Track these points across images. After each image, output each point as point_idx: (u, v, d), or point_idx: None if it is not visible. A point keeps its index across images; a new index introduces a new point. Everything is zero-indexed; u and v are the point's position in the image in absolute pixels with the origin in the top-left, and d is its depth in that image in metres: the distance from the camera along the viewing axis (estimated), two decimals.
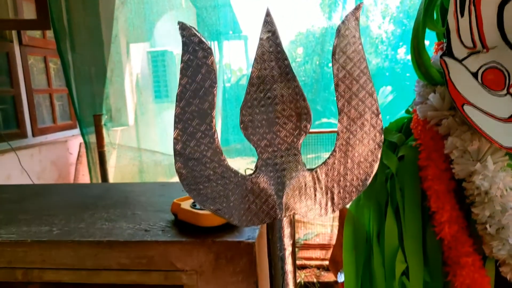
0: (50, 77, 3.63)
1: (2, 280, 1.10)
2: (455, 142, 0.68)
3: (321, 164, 0.44)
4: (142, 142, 3.49)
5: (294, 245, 0.45)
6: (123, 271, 1.03)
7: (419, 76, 0.78)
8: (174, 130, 0.42)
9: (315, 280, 2.74)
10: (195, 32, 0.39)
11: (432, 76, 0.75)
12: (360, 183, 0.45)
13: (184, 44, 0.39)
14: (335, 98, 0.42)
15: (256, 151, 0.43)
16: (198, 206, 1.10)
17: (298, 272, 2.81)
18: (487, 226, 0.66)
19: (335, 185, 0.45)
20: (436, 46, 0.84)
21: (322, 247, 3.10)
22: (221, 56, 4.24)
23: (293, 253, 0.46)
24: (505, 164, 0.66)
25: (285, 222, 0.45)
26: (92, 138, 3.18)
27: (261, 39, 0.40)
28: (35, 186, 1.85)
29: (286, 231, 0.45)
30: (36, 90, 3.42)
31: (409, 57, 0.82)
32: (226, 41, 4.32)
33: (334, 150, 0.44)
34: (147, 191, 1.52)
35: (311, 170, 0.44)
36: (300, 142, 0.43)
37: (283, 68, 0.41)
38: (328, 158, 0.44)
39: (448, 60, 0.73)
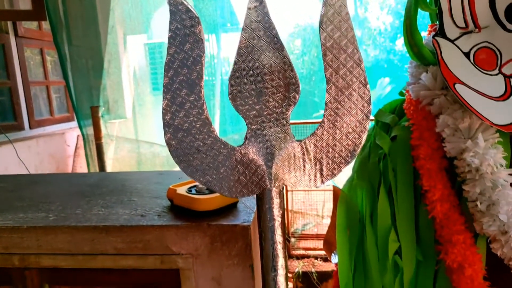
0: (46, 69, 3.62)
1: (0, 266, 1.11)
2: (447, 120, 0.69)
3: (310, 135, 0.45)
4: (140, 134, 3.49)
5: (283, 216, 0.46)
6: (120, 255, 1.04)
7: (411, 56, 0.78)
8: (163, 101, 0.42)
9: (312, 270, 2.76)
10: (182, 0, 0.39)
11: (424, 56, 0.75)
12: (349, 154, 0.46)
13: (172, 13, 0.39)
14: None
15: (245, 122, 0.43)
16: (194, 191, 1.11)
17: (296, 262, 2.83)
18: (478, 203, 0.66)
19: (323, 156, 0.45)
20: (429, 28, 0.84)
21: (320, 237, 3.12)
22: (219, 48, 4.22)
23: (283, 224, 0.47)
24: (496, 141, 0.67)
25: (275, 193, 0.45)
26: (90, 130, 3.17)
27: (249, 8, 0.41)
28: (31, 176, 1.85)
29: (276, 201, 0.45)
30: (32, 82, 3.41)
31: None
32: (224, 33, 4.31)
33: (323, 121, 0.44)
34: (144, 179, 1.52)
35: (300, 141, 0.45)
36: (289, 113, 0.43)
37: (271, 37, 0.41)
38: (317, 129, 0.44)
39: (440, 40, 0.73)
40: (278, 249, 0.47)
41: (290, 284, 2.75)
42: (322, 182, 0.47)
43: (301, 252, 2.96)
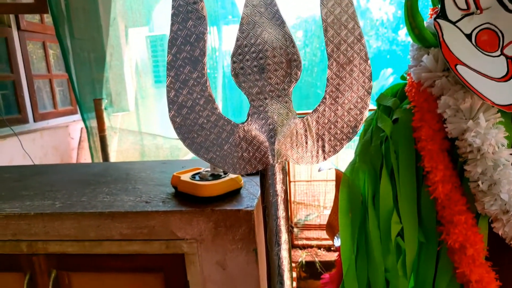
0: (49, 62, 3.63)
1: (8, 253, 1.12)
2: (448, 101, 0.69)
3: (312, 112, 0.45)
4: (143, 126, 3.51)
5: (286, 192, 0.47)
6: (125, 241, 1.05)
7: (413, 39, 0.78)
8: (167, 78, 0.43)
9: (316, 259, 2.77)
10: None
11: (425, 38, 0.75)
12: (351, 130, 0.46)
13: None
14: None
15: (248, 98, 0.44)
16: (197, 178, 1.12)
17: (300, 252, 2.85)
18: (479, 182, 0.67)
19: (325, 132, 0.46)
20: (431, 12, 0.84)
21: (323, 227, 3.14)
22: (220, 41, 4.21)
23: (286, 200, 0.48)
24: (497, 121, 0.67)
25: (278, 168, 0.46)
26: (93, 123, 3.19)
27: None
28: (36, 166, 1.87)
29: (279, 177, 0.46)
30: (36, 76, 3.42)
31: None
32: (225, 26, 4.29)
33: (324, 97, 0.45)
34: (147, 168, 1.54)
35: (302, 117, 0.45)
36: (291, 90, 0.44)
37: (273, 14, 0.42)
38: (318, 105, 0.45)
39: (442, 22, 0.73)
40: (281, 224, 0.47)
41: (294, 274, 2.77)
42: (324, 158, 0.48)
43: (304, 242, 2.98)
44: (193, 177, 1.13)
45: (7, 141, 2.83)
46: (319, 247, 2.94)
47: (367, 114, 0.45)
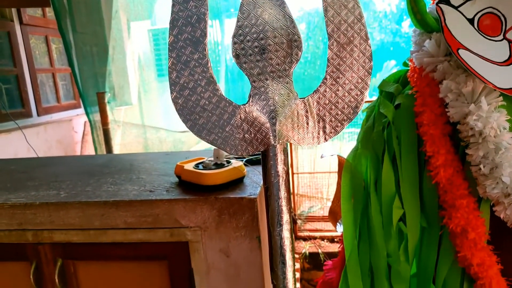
0: (52, 56, 3.64)
1: (14, 242, 1.14)
2: (450, 85, 0.69)
3: (313, 92, 0.46)
4: (146, 120, 3.52)
5: (288, 173, 0.47)
6: (130, 229, 1.07)
7: (415, 24, 0.78)
8: (168, 59, 0.43)
9: (319, 251, 2.79)
10: None
11: (428, 23, 0.75)
12: (351, 111, 0.46)
13: None
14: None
15: (249, 80, 0.44)
16: (201, 167, 1.13)
17: (303, 243, 2.86)
18: (481, 166, 0.67)
19: (326, 113, 0.46)
20: None
21: (326, 219, 3.15)
22: (222, 35, 4.20)
23: (287, 181, 0.48)
24: (499, 105, 0.67)
25: (279, 149, 0.46)
26: (97, 117, 3.20)
27: None
28: (41, 159, 1.88)
29: (280, 157, 0.46)
30: (39, 70, 3.43)
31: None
32: (227, 19, 4.28)
33: (325, 78, 0.45)
34: (151, 159, 1.55)
35: (303, 98, 0.46)
36: (291, 70, 0.44)
37: None
38: (319, 86, 0.45)
39: (444, 7, 0.73)
40: (283, 204, 0.48)
41: (297, 265, 2.79)
42: (325, 139, 0.48)
43: (308, 233, 2.99)
44: (196, 166, 1.14)
45: (11, 135, 2.85)
46: (322, 238, 2.95)
47: (367, 94, 0.46)
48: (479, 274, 0.74)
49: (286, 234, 0.49)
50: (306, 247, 2.80)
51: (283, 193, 0.48)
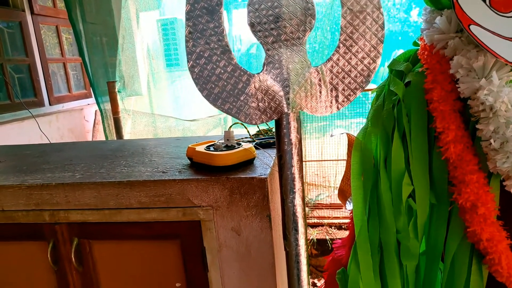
0: (63, 46, 3.67)
1: (32, 222, 1.18)
2: (461, 61, 0.69)
3: (326, 61, 0.47)
4: (155, 109, 3.55)
5: (301, 141, 0.49)
6: (144, 209, 1.09)
7: (426, 1, 0.78)
8: (185, 28, 0.44)
9: (327, 237, 2.81)
10: None
11: (439, 0, 0.75)
12: (364, 80, 0.47)
13: None
14: None
15: (263, 48, 0.45)
16: (212, 149, 1.14)
17: (311, 230, 2.88)
18: (491, 141, 0.68)
19: (339, 82, 0.48)
20: None
21: (333, 206, 3.16)
22: (230, 26, 4.19)
23: (300, 150, 0.49)
24: (510, 79, 0.67)
25: (292, 117, 0.48)
26: (107, 106, 3.24)
27: None
28: (54, 144, 1.92)
29: (293, 125, 0.48)
30: (50, 59, 3.47)
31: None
32: (235, 10, 4.26)
33: (338, 46, 0.46)
34: (162, 144, 1.57)
35: (316, 66, 0.47)
36: (305, 38, 0.45)
37: None
38: (332, 54, 0.46)
39: None
40: (295, 172, 0.49)
41: None
42: (338, 108, 0.49)
43: (315, 221, 3.01)
44: (207, 148, 1.16)
45: (24, 123, 2.90)
46: (330, 225, 2.97)
47: (379, 63, 0.47)
48: (488, 249, 0.75)
49: (298, 201, 0.51)
50: (313, 234, 2.82)
51: (296, 161, 0.49)
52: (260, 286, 1.08)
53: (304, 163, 3.41)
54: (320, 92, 0.47)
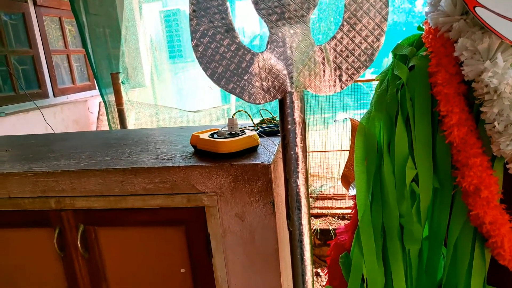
0: (66, 38, 3.67)
1: (38, 209, 1.19)
2: (465, 43, 0.69)
3: (330, 39, 0.47)
4: (159, 101, 3.55)
5: (304, 121, 0.49)
6: (148, 195, 1.10)
7: None
8: (189, 7, 0.44)
9: (330, 227, 2.82)
10: None
11: None
12: (367, 59, 0.47)
13: None
14: None
15: (267, 26, 0.45)
16: (216, 136, 1.15)
17: (314, 220, 2.89)
18: (495, 123, 0.68)
19: (343, 61, 0.48)
20: None
21: (336, 197, 3.17)
22: (233, 17, 4.16)
23: (303, 130, 0.50)
24: None
25: (296, 97, 0.48)
26: (111, 98, 3.25)
27: None
28: (59, 134, 1.93)
29: (297, 104, 0.48)
30: (53, 51, 3.48)
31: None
32: (238, 1, 4.24)
33: (342, 24, 0.46)
34: (166, 133, 1.58)
35: (320, 45, 0.47)
36: (309, 16, 0.45)
37: None
38: (336, 32, 0.46)
39: None
40: (299, 152, 0.50)
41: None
42: (341, 87, 0.49)
43: (319, 211, 3.02)
44: (211, 135, 1.16)
45: (29, 115, 2.92)
46: (333, 215, 2.98)
47: (383, 41, 0.47)
48: (491, 232, 0.75)
49: (302, 181, 0.51)
50: (317, 224, 2.83)
51: (299, 141, 0.50)
52: (264, 271, 1.10)
53: (307, 154, 3.41)
54: (324, 71, 0.47)
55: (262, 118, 1.54)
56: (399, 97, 0.80)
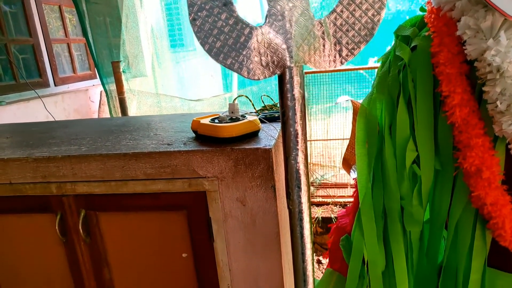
0: (66, 26, 3.65)
1: (39, 194, 1.19)
2: (468, 21, 0.68)
3: (329, 13, 0.46)
4: (160, 89, 3.54)
5: (304, 97, 0.48)
6: (149, 180, 1.10)
7: None
8: None
9: (332, 216, 2.83)
10: None
11: None
12: (368, 33, 0.47)
13: None
14: None
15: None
16: (216, 121, 1.14)
17: (316, 209, 2.90)
18: (498, 103, 0.67)
19: (343, 35, 0.47)
20: None
21: (338, 186, 3.17)
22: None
23: (303, 106, 0.49)
24: None
25: (295, 72, 0.47)
26: (112, 87, 3.24)
27: None
28: (60, 121, 1.93)
29: (296, 80, 0.47)
30: (54, 40, 3.46)
31: None
32: None
33: None
34: (167, 119, 1.57)
35: (319, 19, 0.46)
36: None
37: None
38: (336, 6, 0.46)
39: None
40: (298, 128, 0.49)
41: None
42: (341, 63, 0.49)
43: (320, 200, 3.02)
44: (212, 120, 1.16)
45: (30, 104, 2.92)
46: (335, 204, 2.98)
47: (383, 15, 0.46)
48: (492, 213, 0.75)
49: (301, 158, 0.51)
50: (319, 212, 2.84)
51: (299, 117, 0.49)
52: (265, 255, 1.10)
53: (309, 143, 3.41)
54: (324, 46, 0.47)
55: (263, 105, 1.53)
56: (401, 78, 0.79)
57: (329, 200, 3.01)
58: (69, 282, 1.28)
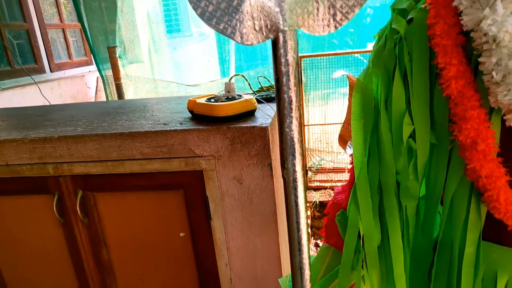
0: (61, 11, 3.61)
1: (36, 175, 1.19)
2: None
3: None
4: (157, 75, 3.52)
5: (298, 63, 0.48)
6: (146, 160, 1.10)
7: None
8: None
9: (329, 200, 2.84)
10: None
11: None
12: None
13: None
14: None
15: None
16: (213, 100, 1.14)
17: (314, 193, 2.91)
18: (493, 73, 0.66)
19: None
20: None
21: (336, 170, 3.18)
22: None
23: (297, 72, 0.49)
24: None
25: (289, 36, 0.47)
26: (109, 73, 3.22)
27: None
28: (56, 105, 1.92)
29: (290, 44, 0.47)
30: (49, 25, 3.42)
31: None
32: None
33: None
34: (163, 101, 1.57)
35: None
36: None
37: None
38: None
39: None
40: (292, 94, 0.49)
41: (308, 212, 2.85)
42: (336, 27, 0.48)
43: (318, 184, 3.04)
44: (208, 100, 1.15)
45: (26, 89, 2.90)
46: (332, 188, 3.00)
47: None
48: (487, 185, 0.75)
49: (295, 126, 0.51)
50: (316, 197, 2.86)
51: (293, 84, 0.49)
52: (262, 233, 1.11)
53: (307, 128, 3.41)
54: (318, 9, 0.46)
55: (260, 86, 1.53)
56: (397, 51, 0.79)
57: (327, 184, 3.02)
58: (68, 263, 1.29)
